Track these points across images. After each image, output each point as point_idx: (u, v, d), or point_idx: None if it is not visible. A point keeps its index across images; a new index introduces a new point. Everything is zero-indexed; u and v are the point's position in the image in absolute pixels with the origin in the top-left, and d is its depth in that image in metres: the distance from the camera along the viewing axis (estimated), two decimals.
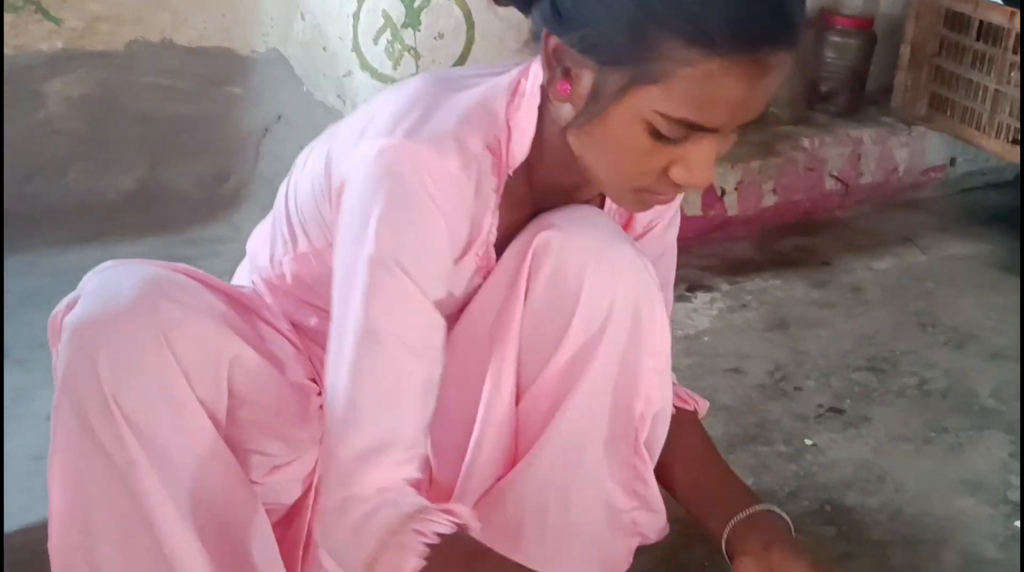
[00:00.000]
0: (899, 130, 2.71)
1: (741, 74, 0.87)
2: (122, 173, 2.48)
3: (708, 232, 2.56)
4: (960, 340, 2.09)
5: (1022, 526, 1.43)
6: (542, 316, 1.07)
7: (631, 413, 1.10)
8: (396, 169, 0.95)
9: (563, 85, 0.94)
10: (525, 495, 1.14)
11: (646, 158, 0.94)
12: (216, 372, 1.01)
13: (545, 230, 1.06)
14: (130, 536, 1.03)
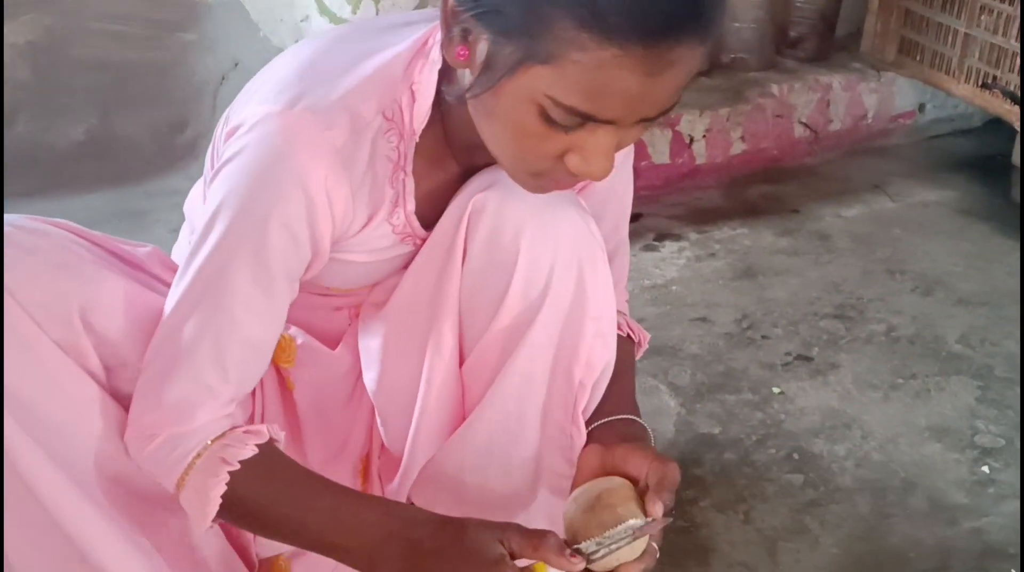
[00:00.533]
0: (868, 75, 2.68)
1: (638, 67, 0.80)
2: (72, 123, 2.40)
3: (676, 181, 2.52)
4: (928, 286, 2.07)
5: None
6: (480, 280, 1.04)
7: (571, 380, 1.06)
8: (273, 140, 0.92)
9: (461, 49, 0.87)
10: (465, 457, 1.12)
11: (538, 142, 0.88)
12: (66, 314, 0.96)
13: (481, 191, 1.02)
14: (14, 501, 0.98)
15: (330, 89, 0.94)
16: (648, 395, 1.75)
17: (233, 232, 0.95)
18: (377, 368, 1.13)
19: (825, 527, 1.46)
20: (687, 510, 1.50)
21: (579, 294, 1.03)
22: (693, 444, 1.63)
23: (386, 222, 1.03)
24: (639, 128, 0.88)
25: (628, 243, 1.23)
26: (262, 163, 0.93)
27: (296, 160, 0.92)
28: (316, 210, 0.95)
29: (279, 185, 0.93)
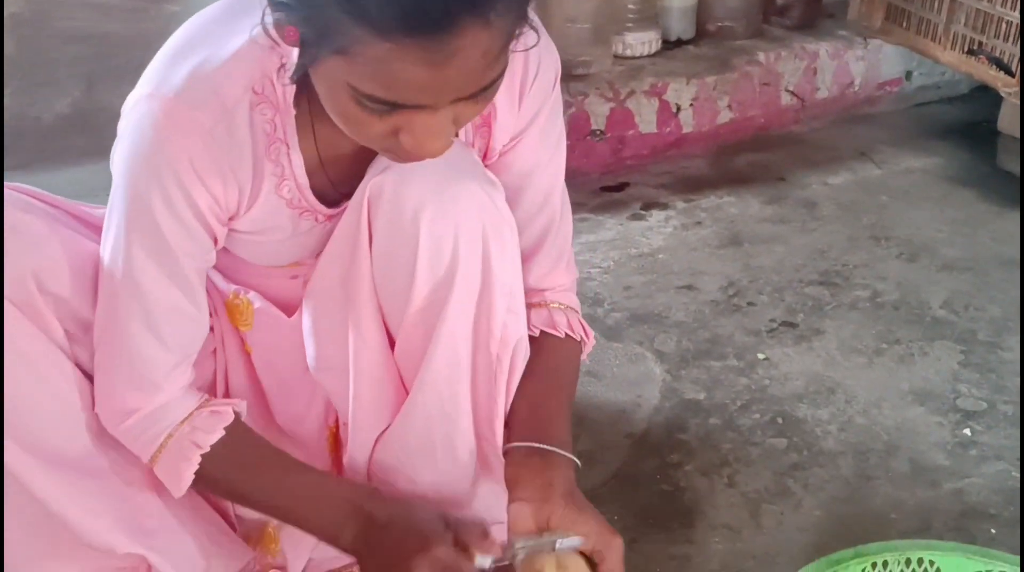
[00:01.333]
0: (855, 43, 2.68)
1: (416, 59, 0.79)
2: (57, 96, 2.39)
3: (663, 150, 2.52)
4: (913, 252, 2.08)
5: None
6: (389, 263, 1.03)
7: (489, 354, 1.07)
8: (144, 124, 0.94)
9: (288, 31, 0.85)
10: (410, 442, 1.13)
11: (363, 125, 0.87)
12: (19, 274, 0.97)
13: (379, 174, 1.01)
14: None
15: (197, 69, 0.94)
16: (634, 362, 1.77)
17: (127, 219, 0.98)
18: (312, 346, 1.14)
19: (808, 489, 1.48)
20: (671, 474, 1.52)
21: (486, 269, 1.02)
22: (678, 409, 1.65)
23: (275, 195, 1.02)
24: (471, 104, 0.86)
25: (568, 217, 1.19)
26: (136, 150, 0.95)
27: (164, 144, 0.94)
28: (192, 191, 0.95)
29: (154, 171, 0.95)
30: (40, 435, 1.02)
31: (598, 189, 2.38)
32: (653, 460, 1.55)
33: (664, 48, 2.59)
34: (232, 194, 0.99)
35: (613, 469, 1.53)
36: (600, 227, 2.22)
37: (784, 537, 1.39)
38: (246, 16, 0.93)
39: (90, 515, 1.05)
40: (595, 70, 2.46)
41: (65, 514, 1.04)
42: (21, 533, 1.05)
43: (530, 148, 1.12)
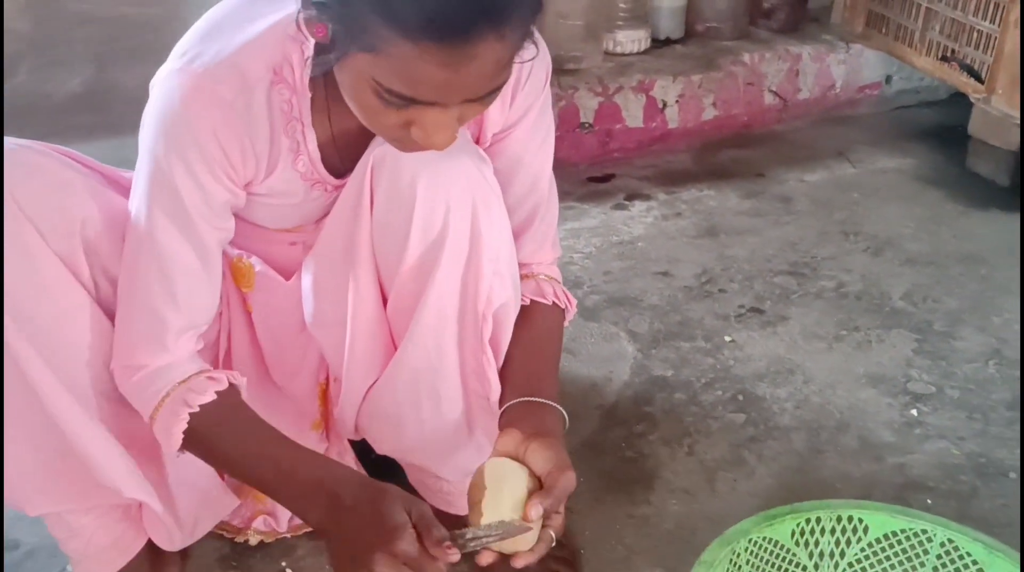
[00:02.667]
0: (837, 47, 2.78)
1: (437, 62, 0.89)
2: (70, 75, 2.50)
3: (649, 144, 2.63)
4: (878, 247, 2.19)
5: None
6: (386, 226, 1.14)
7: (476, 313, 1.17)
8: (172, 95, 1.03)
9: (319, 28, 0.95)
10: (398, 393, 1.23)
11: (379, 116, 0.97)
12: (68, 227, 1.08)
13: (381, 145, 1.11)
14: (9, 390, 1.10)
15: (224, 48, 1.04)
16: (608, 341, 1.88)
17: (150, 183, 1.07)
18: (311, 304, 1.25)
19: (762, 460, 1.59)
20: (635, 442, 1.63)
21: (475, 235, 1.13)
22: (647, 385, 1.76)
23: (291, 169, 1.13)
24: (476, 105, 0.97)
25: (555, 202, 1.30)
26: (163, 119, 1.05)
27: (189, 114, 1.03)
28: (212, 161, 1.06)
29: (178, 140, 1.05)
30: (75, 376, 1.12)
31: (585, 179, 2.49)
32: (620, 430, 1.66)
33: (653, 46, 2.70)
34: (249, 163, 1.09)
35: (583, 437, 1.64)
36: (585, 215, 2.33)
37: (736, 501, 1.50)
38: (269, 4, 1.05)
39: (108, 457, 1.16)
40: (586, 65, 2.57)
41: (88, 451, 1.14)
42: (39, 466, 1.15)
43: (521, 138, 1.23)
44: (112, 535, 1.26)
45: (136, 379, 1.12)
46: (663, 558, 1.41)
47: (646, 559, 1.41)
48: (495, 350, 1.22)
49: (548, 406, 1.17)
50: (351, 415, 1.29)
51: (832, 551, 1.24)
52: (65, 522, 1.23)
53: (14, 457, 1.14)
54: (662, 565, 1.40)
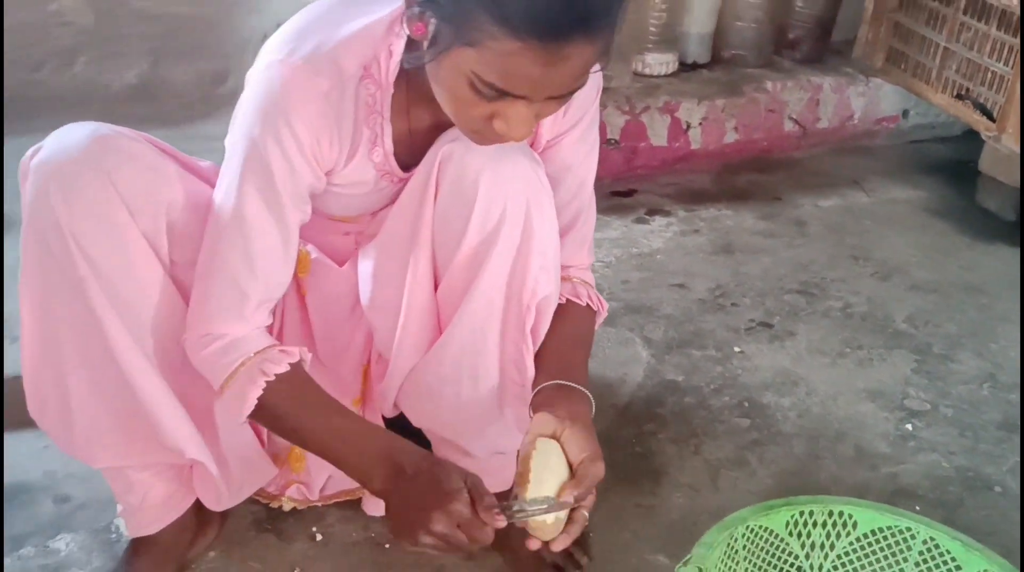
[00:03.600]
0: (858, 80, 2.89)
1: (536, 58, 0.99)
2: (126, 67, 2.63)
3: (671, 163, 2.75)
4: (886, 272, 2.30)
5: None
6: (447, 216, 1.25)
7: (521, 303, 1.28)
8: (273, 83, 1.14)
9: (418, 26, 1.06)
10: (441, 371, 1.34)
11: (469, 107, 1.07)
12: (155, 209, 1.19)
13: (449, 142, 1.22)
14: (89, 352, 1.22)
15: (322, 43, 1.16)
16: (624, 345, 1.99)
17: (244, 163, 1.17)
18: (369, 287, 1.36)
19: (763, 462, 1.69)
20: (645, 440, 1.74)
21: (527, 231, 1.23)
22: (658, 388, 1.87)
23: (367, 159, 1.24)
24: (553, 103, 1.08)
25: (594, 210, 1.41)
26: (264, 104, 1.15)
27: (288, 101, 1.14)
28: (304, 145, 1.17)
29: (275, 123, 1.15)
30: (149, 343, 1.23)
31: (608, 193, 2.60)
32: (631, 428, 1.76)
33: (680, 70, 2.82)
34: (335, 150, 1.20)
35: (596, 432, 1.74)
36: (607, 227, 2.44)
37: (737, 498, 1.60)
38: (359, 7, 1.17)
39: (174, 419, 1.27)
40: (615, 84, 2.68)
41: (156, 412, 1.25)
42: (109, 423, 1.27)
43: (570, 146, 1.34)
44: (165, 492, 1.38)
45: (211, 349, 1.22)
46: (666, 545, 1.51)
47: (650, 545, 1.51)
48: (534, 338, 1.32)
49: (578, 391, 1.28)
50: (393, 393, 1.40)
51: (823, 543, 1.34)
52: (124, 476, 1.34)
53: (87, 413, 1.26)
54: (664, 551, 1.50)
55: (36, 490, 1.57)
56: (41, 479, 1.59)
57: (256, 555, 1.47)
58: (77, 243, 1.15)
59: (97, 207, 1.15)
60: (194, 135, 2.68)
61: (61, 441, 1.31)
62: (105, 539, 1.48)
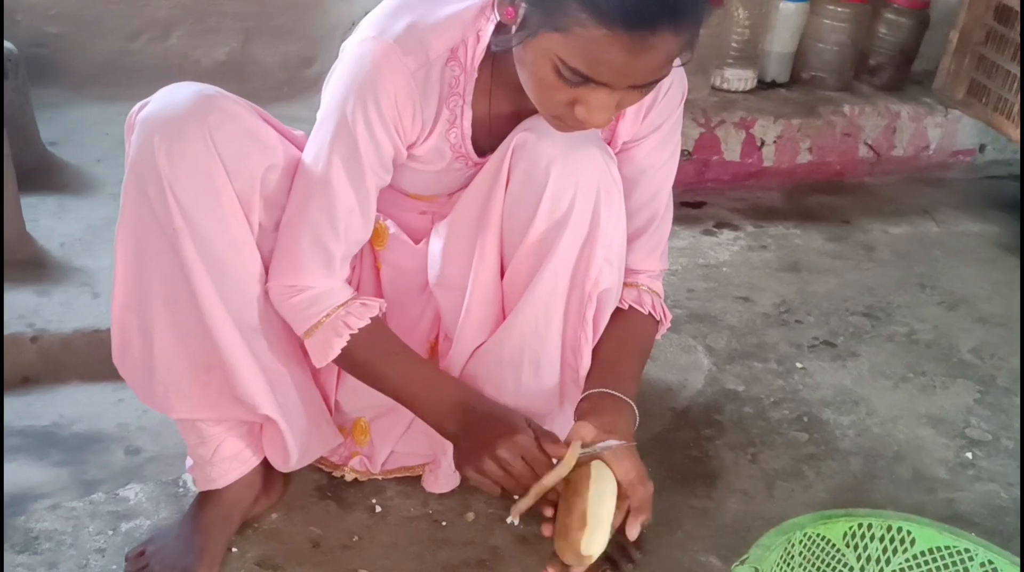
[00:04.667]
0: (936, 111, 2.88)
1: (622, 46, 1.02)
2: (217, 44, 2.70)
3: (743, 178, 2.75)
4: (953, 302, 2.29)
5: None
6: (517, 202, 1.28)
7: (583, 292, 1.31)
8: (364, 59, 1.20)
9: (509, 10, 1.11)
10: (503, 355, 1.38)
11: (552, 91, 1.11)
12: (251, 171, 1.23)
13: (524, 131, 1.26)
14: (176, 301, 1.27)
15: (414, 24, 1.21)
16: (686, 352, 2.00)
17: (333, 132, 1.23)
18: (438, 265, 1.40)
19: (819, 476, 1.70)
20: (703, 445, 1.75)
21: (594, 222, 1.27)
22: (718, 396, 1.88)
23: (444, 138, 1.28)
24: (635, 93, 1.11)
25: (670, 217, 1.45)
26: (355, 77, 1.21)
27: (377, 77, 1.20)
28: (387, 120, 1.22)
29: (364, 98, 1.20)
30: (233, 299, 1.28)
31: (678, 203, 2.58)
32: (689, 432, 1.78)
33: (759, 87, 2.83)
34: (416, 126, 1.25)
35: (654, 432, 1.76)
36: (675, 236, 2.45)
37: (791, 508, 1.61)
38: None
39: (251, 375, 1.32)
40: (693, 97, 2.68)
41: (235, 367, 1.30)
42: (189, 374, 1.32)
43: (648, 151, 1.37)
44: (235, 448, 1.42)
45: (299, 299, 1.29)
46: (718, 547, 1.52)
47: (702, 545, 1.53)
48: (594, 329, 1.35)
49: (623, 403, 1.32)
50: (456, 373, 1.43)
51: (879, 557, 1.35)
52: (198, 429, 1.39)
53: (168, 361, 1.31)
54: (716, 553, 1.51)
55: (109, 440, 1.62)
56: (115, 430, 1.64)
57: (316, 520, 1.51)
58: (175, 195, 1.20)
59: (197, 163, 1.20)
60: (278, 115, 2.71)
61: (141, 389, 1.36)
62: (172, 492, 1.53)
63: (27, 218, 1.95)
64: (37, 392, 1.71)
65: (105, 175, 2.26)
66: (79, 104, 2.56)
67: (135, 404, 1.70)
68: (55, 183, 2.21)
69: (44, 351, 1.73)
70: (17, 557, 1.39)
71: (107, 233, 2.02)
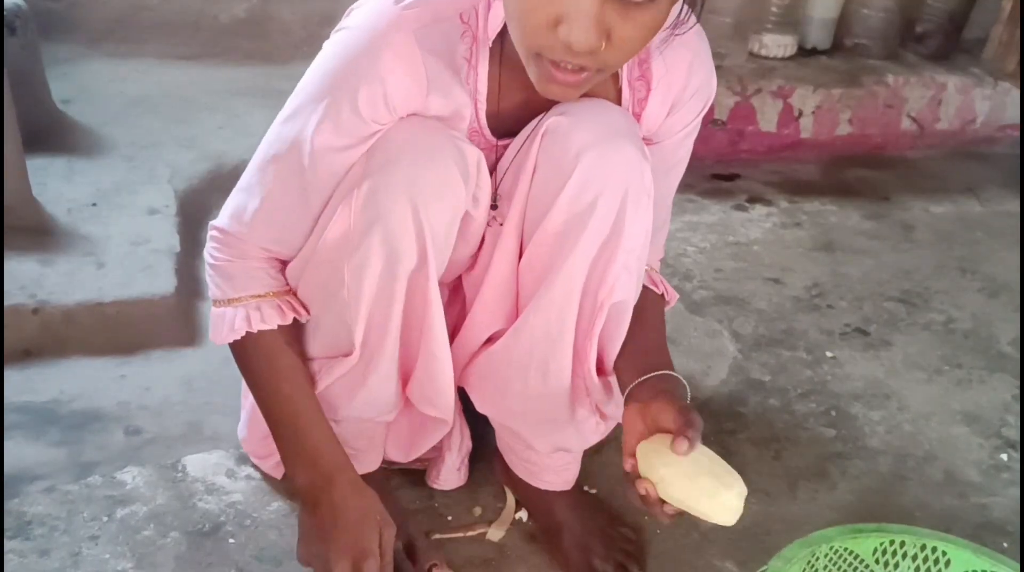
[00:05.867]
0: (985, 82, 2.75)
1: None
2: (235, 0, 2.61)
3: (779, 150, 2.65)
4: (994, 289, 2.18)
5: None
6: (541, 189, 1.19)
7: (596, 299, 1.21)
8: (372, 22, 1.10)
9: None
10: (512, 357, 1.28)
11: (533, 11, 0.99)
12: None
13: (557, 115, 1.16)
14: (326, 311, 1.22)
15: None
16: (711, 337, 1.92)
17: (320, 87, 1.12)
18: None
19: (845, 476, 1.62)
20: (724, 439, 1.67)
21: (618, 224, 1.16)
22: (742, 386, 1.80)
23: (459, 114, 1.17)
24: (621, 19, 0.98)
25: (669, 221, 1.41)
26: (356, 33, 1.10)
27: (379, 34, 1.08)
28: (386, 78, 1.09)
29: (376, 59, 1.08)
30: None
31: (709, 175, 2.52)
32: (711, 424, 1.69)
33: (798, 54, 2.71)
34: (422, 90, 1.13)
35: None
36: (704, 211, 2.36)
37: (814, 510, 1.54)
38: None
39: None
40: (728, 63, 2.59)
41: None
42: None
43: (661, 154, 1.27)
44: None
45: (220, 264, 1.23)
46: (735, 552, 1.45)
47: (718, 550, 1.46)
48: (608, 345, 1.26)
49: (665, 376, 1.22)
50: (462, 361, 1.35)
51: None
52: None
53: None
54: (733, 558, 1.45)
55: (109, 419, 1.57)
56: (115, 409, 1.60)
57: None
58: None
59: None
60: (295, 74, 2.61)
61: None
62: (171, 476, 1.47)
63: (34, 181, 1.89)
64: (38, 366, 1.67)
65: (117, 136, 2.19)
66: (93, 59, 2.49)
67: (137, 381, 1.65)
68: (65, 144, 2.15)
69: (46, 323, 1.68)
70: (9, 543, 1.35)
71: (116, 199, 1.98)
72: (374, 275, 1.15)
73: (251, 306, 1.23)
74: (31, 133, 1.93)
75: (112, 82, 2.40)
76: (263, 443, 1.39)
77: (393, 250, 1.13)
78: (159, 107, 2.29)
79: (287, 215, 1.20)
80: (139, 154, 2.13)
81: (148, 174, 2.05)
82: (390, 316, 1.19)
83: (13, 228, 1.79)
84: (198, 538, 1.38)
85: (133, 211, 1.93)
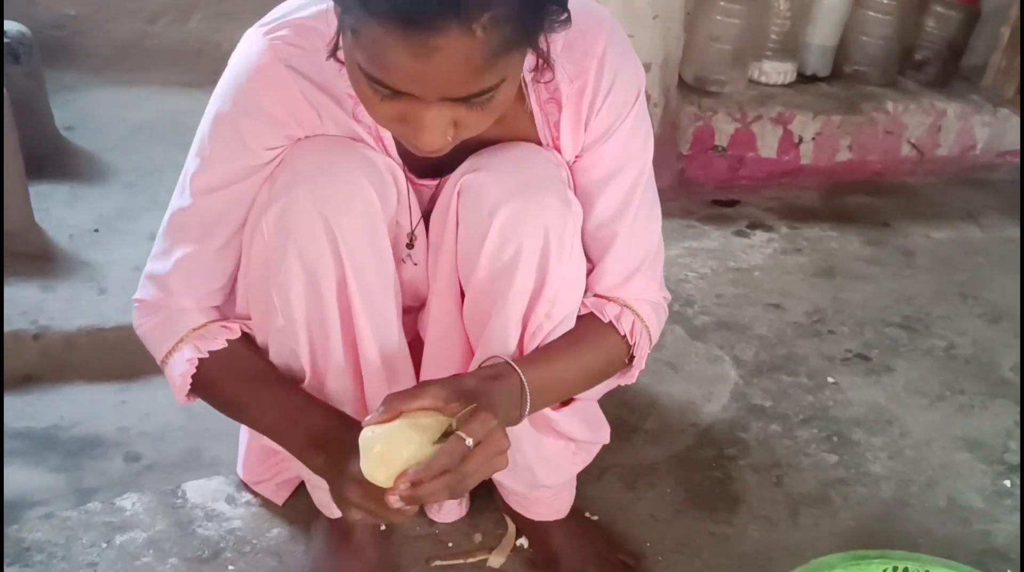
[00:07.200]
0: (984, 109, 2.76)
1: (402, 47, 0.86)
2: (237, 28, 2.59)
3: (779, 176, 2.65)
4: (996, 315, 2.18)
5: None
6: (465, 243, 1.15)
7: (523, 346, 1.17)
8: (242, 57, 1.11)
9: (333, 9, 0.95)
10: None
11: (374, 105, 0.95)
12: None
13: (471, 172, 1.13)
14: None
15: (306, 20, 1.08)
16: (712, 363, 1.92)
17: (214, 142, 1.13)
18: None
19: (847, 503, 1.61)
20: (725, 465, 1.67)
21: (540, 277, 1.13)
22: (744, 412, 1.80)
23: (363, 142, 1.13)
24: (460, 108, 0.93)
25: (652, 238, 1.25)
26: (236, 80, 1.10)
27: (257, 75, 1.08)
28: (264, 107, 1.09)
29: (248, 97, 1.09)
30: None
31: (710, 201, 2.52)
32: (711, 450, 1.70)
33: (798, 81, 2.72)
34: (307, 115, 1.11)
35: (674, 450, 1.68)
36: (704, 236, 2.37)
37: (816, 537, 1.53)
38: None
39: None
40: (728, 90, 2.60)
41: None
42: None
43: (605, 159, 1.19)
44: None
45: (153, 323, 1.21)
46: None
47: None
48: None
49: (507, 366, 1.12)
50: None
51: None
52: None
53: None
54: None
55: (109, 445, 1.57)
56: (115, 434, 1.59)
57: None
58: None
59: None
60: None
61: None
62: (170, 503, 1.47)
63: (37, 207, 1.90)
64: (38, 391, 1.67)
65: (119, 162, 2.20)
66: (97, 87, 2.50)
67: (137, 407, 1.65)
68: (68, 170, 2.16)
69: (47, 349, 1.68)
70: (8, 569, 1.34)
71: (118, 225, 1.99)
72: (299, 295, 1.12)
73: (193, 338, 1.19)
74: (34, 159, 1.94)
75: (115, 109, 2.41)
76: (263, 465, 1.38)
77: (311, 267, 1.10)
78: (161, 134, 2.30)
79: (199, 266, 1.19)
80: (141, 180, 2.14)
81: (150, 200, 2.06)
82: (328, 334, 1.15)
83: (15, 254, 1.79)
84: (197, 564, 1.37)
85: (135, 237, 1.93)
